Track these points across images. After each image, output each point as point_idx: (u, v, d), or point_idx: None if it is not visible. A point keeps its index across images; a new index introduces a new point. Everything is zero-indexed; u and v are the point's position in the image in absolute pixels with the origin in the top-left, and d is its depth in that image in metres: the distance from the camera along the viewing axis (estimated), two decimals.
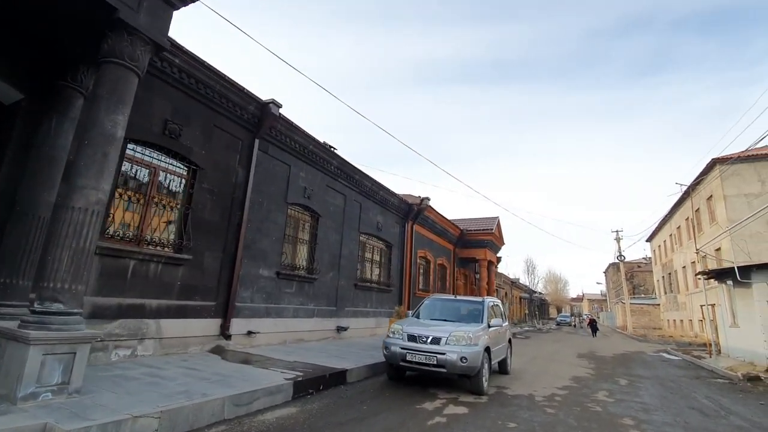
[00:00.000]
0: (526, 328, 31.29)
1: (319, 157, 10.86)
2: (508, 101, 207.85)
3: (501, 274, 41.80)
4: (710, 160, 24.96)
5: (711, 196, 25.89)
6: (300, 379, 5.87)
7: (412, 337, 6.85)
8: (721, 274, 12.93)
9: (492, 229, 22.62)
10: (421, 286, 17.83)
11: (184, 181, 7.50)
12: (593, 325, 29.05)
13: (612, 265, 55.75)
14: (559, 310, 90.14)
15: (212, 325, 7.66)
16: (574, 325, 43.44)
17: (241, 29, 9.08)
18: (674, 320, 36.12)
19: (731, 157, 24.49)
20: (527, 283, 41.03)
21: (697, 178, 26.44)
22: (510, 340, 9.51)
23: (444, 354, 6.42)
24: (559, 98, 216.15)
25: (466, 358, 6.34)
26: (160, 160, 7.07)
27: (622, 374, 10.30)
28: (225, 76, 7.67)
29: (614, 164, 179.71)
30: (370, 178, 13.34)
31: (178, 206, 7.38)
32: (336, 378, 6.63)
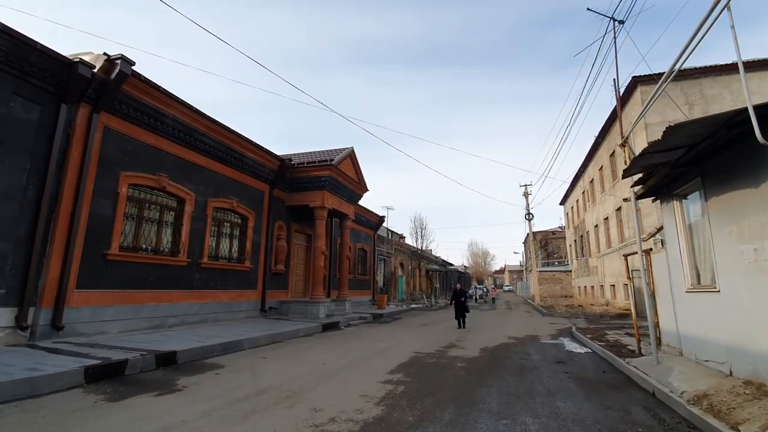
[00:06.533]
0: (413, 306, 24.49)
1: None
2: (443, 85, 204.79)
3: (399, 241, 34.99)
4: (630, 78, 19.38)
5: None
6: None
7: None
8: (677, 176, 6.02)
9: (331, 161, 14.60)
10: (135, 244, 9.34)
11: None
12: (458, 299, 13.75)
13: (529, 235, 52.05)
14: (480, 283, 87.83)
15: None
16: (476, 299, 37.64)
17: None
18: (585, 287, 32.07)
19: (656, 76, 18.97)
20: (417, 246, 34.00)
21: (616, 108, 20.91)
22: None
23: None
24: (491, 84, 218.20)
25: None
26: None
27: None
28: None
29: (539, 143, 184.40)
30: None
31: None
32: None
